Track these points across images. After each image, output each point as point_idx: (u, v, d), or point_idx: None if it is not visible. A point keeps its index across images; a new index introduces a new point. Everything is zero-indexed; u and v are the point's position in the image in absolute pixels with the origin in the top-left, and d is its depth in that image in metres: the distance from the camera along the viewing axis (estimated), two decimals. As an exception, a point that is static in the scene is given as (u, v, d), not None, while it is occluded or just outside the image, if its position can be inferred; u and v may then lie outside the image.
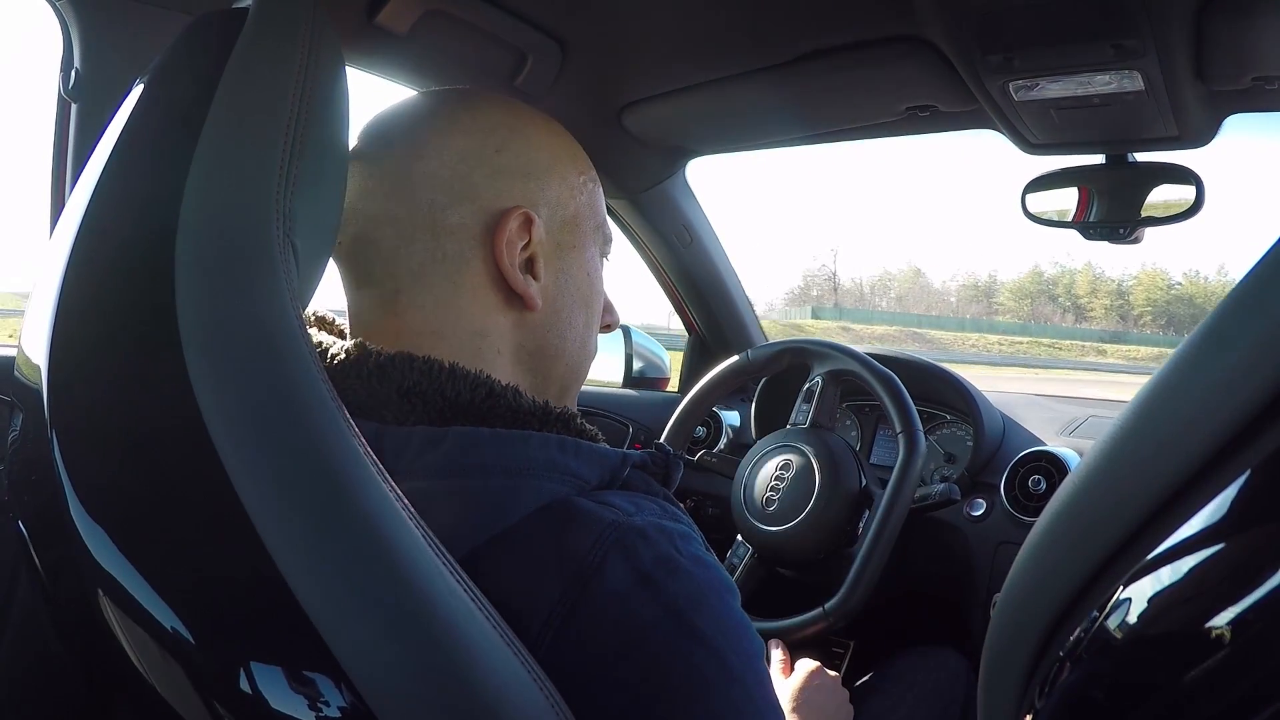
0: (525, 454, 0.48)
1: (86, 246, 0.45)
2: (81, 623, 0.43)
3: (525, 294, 0.54)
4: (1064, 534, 0.32)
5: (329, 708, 0.37)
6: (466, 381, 0.49)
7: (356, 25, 0.88)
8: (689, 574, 0.45)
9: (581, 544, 0.44)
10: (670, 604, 0.43)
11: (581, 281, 0.59)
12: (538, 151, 0.57)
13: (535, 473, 0.47)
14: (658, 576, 0.44)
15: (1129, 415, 0.30)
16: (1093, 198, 1.12)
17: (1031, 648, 0.32)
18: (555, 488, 0.48)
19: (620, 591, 0.43)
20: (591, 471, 0.50)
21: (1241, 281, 0.27)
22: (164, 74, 0.49)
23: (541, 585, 0.43)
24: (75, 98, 0.85)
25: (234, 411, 0.38)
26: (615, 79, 1.10)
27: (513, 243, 0.53)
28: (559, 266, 0.57)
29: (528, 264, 0.55)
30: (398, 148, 0.55)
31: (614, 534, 0.45)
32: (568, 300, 0.58)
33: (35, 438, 0.43)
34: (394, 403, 0.49)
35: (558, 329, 0.57)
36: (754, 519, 1.19)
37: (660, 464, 0.55)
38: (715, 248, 1.60)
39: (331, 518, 0.38)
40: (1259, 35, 0.79)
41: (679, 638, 0.43)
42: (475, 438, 0.48)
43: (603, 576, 0.43)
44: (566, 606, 0.43)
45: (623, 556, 0.44)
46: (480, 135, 0.55)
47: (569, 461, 0.49)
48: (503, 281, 0.54)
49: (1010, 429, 1.36)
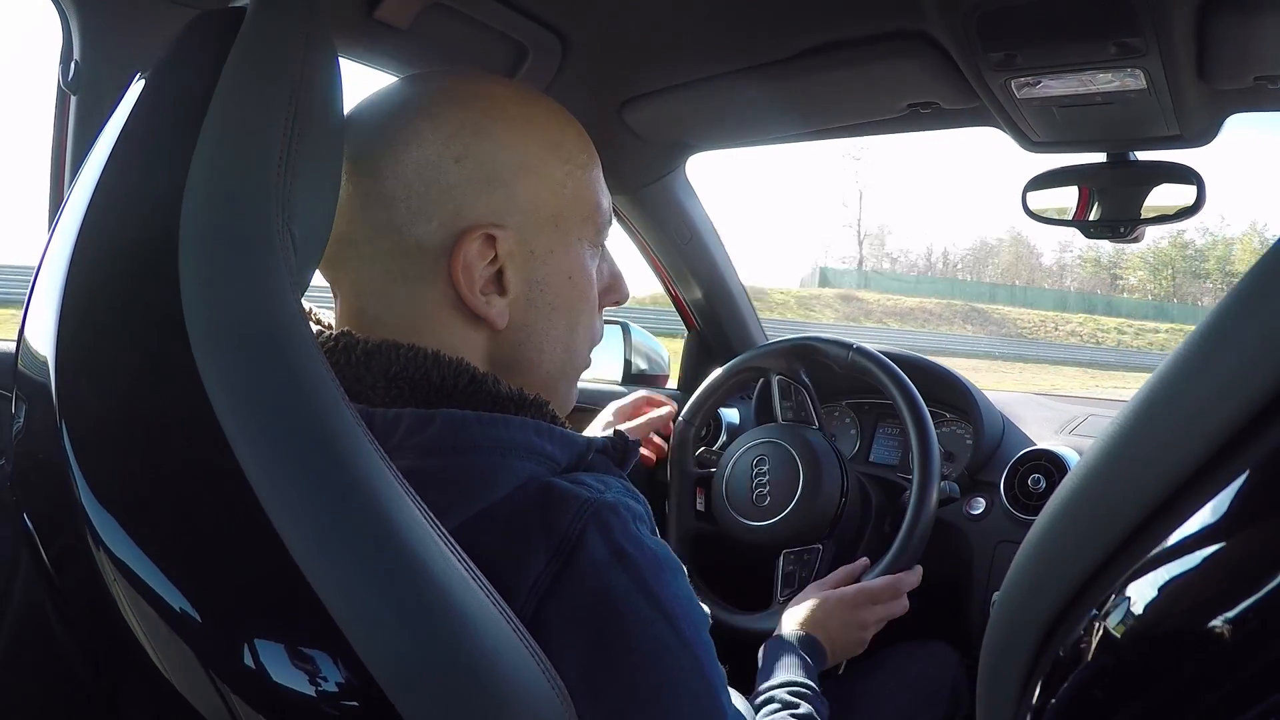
0: (506, 435, 0.51)
1: (90, 240, 0.46)
2: (88, 611, 0.44)
3: (487, 316, 0.54)
4: (1063, 533, 0.32)
5: (330, 682, 0.39)
6: (450, 368, 0.52)
7: (357, 19, 0.88)
8: (651, 551, 0.50)
9: (562, 519, 0.48)
10: (638, 576, 0.48)
11: (561, 286, 0.57)
12: (507, 151, 0.54)
13: (515, 453, 0.51)
14: (629, 550, 0.49)
15: (1129, 414, 0.30)
16: (1093, 196, 1.12)
17: (1031, 646, 0.32)
18: (532, 468, 0.51)
19: (598, 562, 0.48)
20: (563, 454, 0.54)
21: (1241, 281, 0.27)
22: (165, 71, 0.50)
23: (527, 556, 0.47)
24: (75, 90, 0.84)
25: (240, 395, 0.39)
26: (616, 74, 1.10)
27: (471, 265, 0.53)
28: (532, 276, 0.56)
29: (497, 277, 0.54)
30: (358, 165, 0.54)
31: (590, 509, 0.49)
32: (543, 310, 0.57)
33: (43, 430, 0.44)
34: (381, 387, 0.51)
35: (532, 341, 0.57)
36: (738, 514, 1.19)
37: (619, 449, 0.58)
38: (715, 244, 1.59)
39: (336, 496, 0.39)
40: (1262, 34, 0.79)
41: (645, 607, 0.48)
42: (462, 419, 0.51)
43: (583, 548, 0.48)
44: (551, 576, 0.47)
45: (599, 531, 0.48)
46: (439, 145, 0.53)
47: (544, 444, 0.52)
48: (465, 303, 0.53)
49: (1010, 428, 1.36)
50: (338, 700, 0.39)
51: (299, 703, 0.39)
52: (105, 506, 0.41)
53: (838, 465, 1.17)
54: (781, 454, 1.18)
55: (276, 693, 0.39)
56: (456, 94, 0.55)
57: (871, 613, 0.96)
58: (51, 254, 0.48)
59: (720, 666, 0.52)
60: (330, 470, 0.40)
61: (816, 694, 0.80)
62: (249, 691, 0.40)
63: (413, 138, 0.53)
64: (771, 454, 1.19)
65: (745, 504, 1.18)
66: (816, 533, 1.14)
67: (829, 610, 0.94)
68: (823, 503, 1.14)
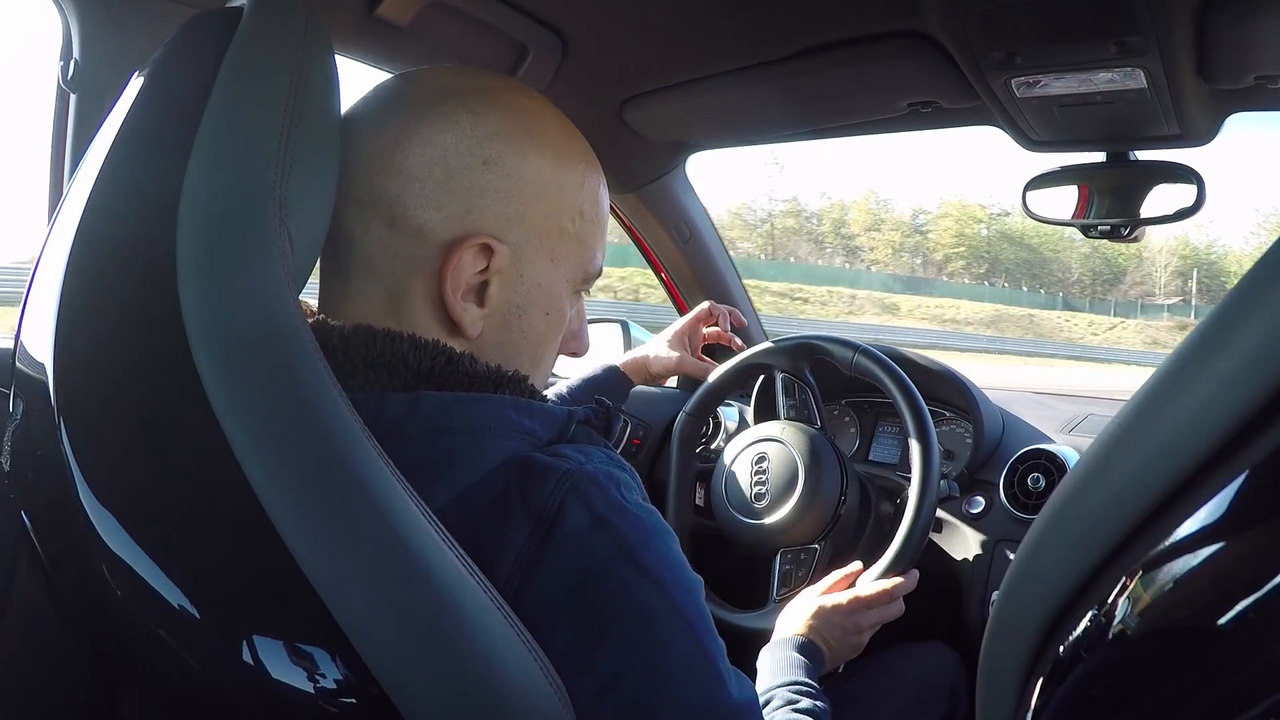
0: (486, 414, 0.51)
1: (88, 239, 0.46)
2: (86, 608, 0.44)
3: (460, 321, 0.53)
4: (1063, 532, 0.32)
5: (329, 678, 0.39)
6: (427, 350, 0.52)
7: (358, 18, 0.87)
8: (636, 517, 0.49)
9: (541, 492, 0.48)
10: (621, 542, 0.48)
11: (537, 317, 0.57)
12: (533, 173, 0.54)
13: (496, 432, 0.51)
14: (610, 518, 0.48)
15: (1129, 414, 0.30)
16: (1093, 195, 1.12)
17: (1030, 645, 0.32)
18: (514, 445, 0.51)
19: (578, 532, 0.47)
20: (544, 429, 0.54)
21: (1242, 281, 0.27)
22: (163, 69, 0.50)
23: (508, 532, 0.47)
24: (74, 88, 0.84)
25: (238, 392, 0.40)
26: (616, 73, 1.10)
27: (463, 269, 0.52)
28: (514, 299, 0.55)
29: (481, 286, 0.54)
30: (385, 129, 0.53)
31: (569, 481, 0.49)
32: (514, 334, 0.56)
33: (40, 427, 0.44)
34: (360, 372, 0.51)
35: (498, 355, 0.56)
36: (737, 511, 1.19)
37: (602, 418, 0.59)
38: (715, 243, 1.59)
39: (334, 494, 0.40)
40: (1262, 34, 0.79)
41: (631, 573, 0.47)
42: (443, 401, 0.51)
43: (562, 519, 0.47)
44: (532, 550, 0.47)
45: (579, 501, 0.48)
46: (474, 141, 0.52)
47: (523, 420, 0.52)
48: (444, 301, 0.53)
49: (1009, 426, 1.36)
50: (336, 697, 0.39)
51: (298, 699, 0.39)
52: (104, 504, 0.41)
53: (838, 465, 1.17)
54: (782, 452, 1.18)
55: (275, 689, 0.39)
56: (503, 99, 0.55)
57: (866, 618, 0.96)
58: (49, 252, 0.48)
59: (718, 635, 0.51)
60: (328, 468, 0.40)
61: (818, 692, 0.80)
62: (248, 688, 0.40)
63: (451, 125, 0.52)
64: (772, 452, 1.19)
65: (744, 501, 1.18)
66: (814, 532, 1.14)
67: (824, 615, 0.94)
68: (821, 502, 1.14)
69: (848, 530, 1.18)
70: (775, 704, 0.77)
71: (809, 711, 0.75)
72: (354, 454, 0.41)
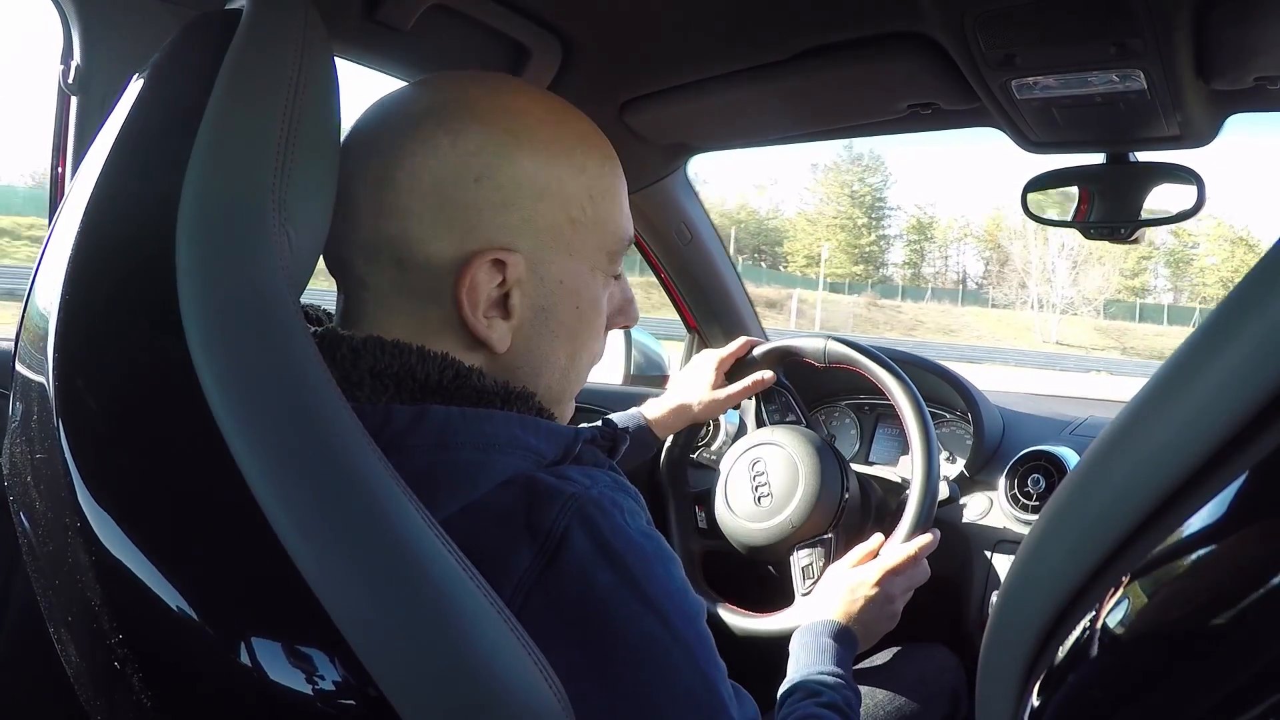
0: (491, 430, 0.51)
1: (88, 241, 0.46)
2: (84, 610, 0.43)
3: (488, 339, 0.53)
4: (1063, 533, 0.32)
5: (328, 680, 0.39)
6: (435, 363, 0.52)
7: (358, 21, 0.88)
8: (639, 545, 0.49)
9: (546, 515, 0.48)
10: (625, 572, 0.48)
11: (568, 314, 0.56)
12: (528, 175, 0.52)
13: (501, 448, 0.51)
14: (615, 545, 0.48)
15: (1128, 414, 0.30)
16: (1093, 197, 1.12)
17: (1030, 646, 0.32)
18: (518, 462, 0.51)
19: (583, 559, 0.47)
20: (549, 447, 0.53)
21: (1242, 282, 0.27)
22: (162, 72, 0.50)
23: (511, 552, 0.47)
24: (75, 91, 0.85)
25: (237, 394, 0.39)
26: (616, 75, 1.10)
27: (478, 287, 0.52)
28: (539, 303, 0.55)
29: (503, 299, 0.53)
30: (371, 168, 0.52)
31: (575, 505, 0.48)
32: (545, 337, 0.56)
33: (40, 428, 0.44)
34: (367, 383, 0.51)
35: (530, 366, 0.56)
36: (743, 518, 1.18)
37: (608, 438, 0.57)
38: (715, 245, 1.59)
39: (333, 493, 0.40)
40: (1261, 35, 0.79)
41: (632, 602, 0.47)
42: (449, 416, 0.50)
43: (568, 544, 0.47)
44: (536, 572, 0.47)
45: (584, 527, 0.48)
46: (458, 162, 0.51)
47: (529, 438, 0.52)
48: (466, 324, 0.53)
49: (1010, 427, 1.36)
50: (335, 699, 0.39)
51: (296, 701, 0.39)
52: (102, 504, 0.41)
53: (835, 460, 1.17)
54: (777, 453, 1.18)
55: (274, 691, 0.39)
56: (479, 108, 0.53)
57: (895, 584, 0.93)
58: (50, 253, 0.48)
59: (719, 659, 0.51)
60: (327, 468, 0.40)
61: (845, 680, 0.77)
62: (246, 689, 0.40)
63: (431, 152, 0.51)
64: (767, 455, 1.19)
65: (749, 507, 1.18)
66: (825, 523, 1.14)
67: (853, 590, 0.91)
68: (827, 492, 1.14)
69: (855, 517, 1.18)
70: (797, 696, 0.75)
71: (831, 705, 0.73)
72: (353, 455, 0.41)
